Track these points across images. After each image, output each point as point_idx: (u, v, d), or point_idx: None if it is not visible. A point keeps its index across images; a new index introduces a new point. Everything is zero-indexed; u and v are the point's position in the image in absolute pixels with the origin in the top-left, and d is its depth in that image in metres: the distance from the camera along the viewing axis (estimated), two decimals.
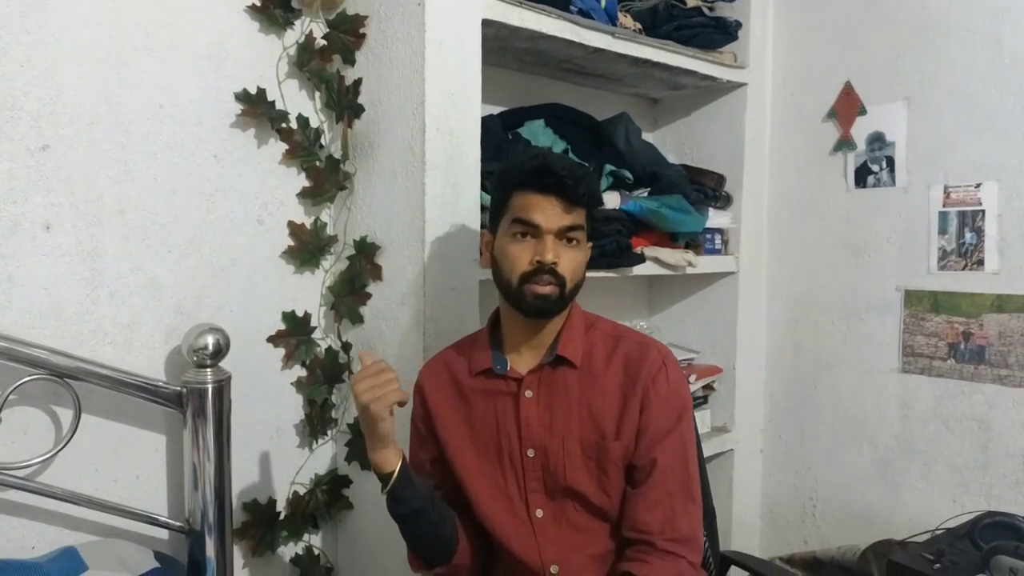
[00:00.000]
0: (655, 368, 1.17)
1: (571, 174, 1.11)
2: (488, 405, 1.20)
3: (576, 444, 1.16)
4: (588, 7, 1.68)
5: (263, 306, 1.48)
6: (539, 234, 1.12)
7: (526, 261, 1.12)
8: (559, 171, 1.10)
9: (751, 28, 2.06)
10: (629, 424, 1.15)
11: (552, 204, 1.12)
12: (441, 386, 1.24)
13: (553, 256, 1.11)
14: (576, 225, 1.14)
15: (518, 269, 1.13)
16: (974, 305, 1.81)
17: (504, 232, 1.16)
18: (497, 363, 1.20)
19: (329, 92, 1.50)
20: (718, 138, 2.14)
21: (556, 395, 1.18)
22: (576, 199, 1.12)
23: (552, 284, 1.12)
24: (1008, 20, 1.74)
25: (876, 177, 1.96)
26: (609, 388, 1.18)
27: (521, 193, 1.14)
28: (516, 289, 1.13)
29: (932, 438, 1.88)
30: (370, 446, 1.10)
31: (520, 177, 1.14)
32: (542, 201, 1.12)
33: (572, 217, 1.13)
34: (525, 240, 1.13)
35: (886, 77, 1.93)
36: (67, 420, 1.25)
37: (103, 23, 1.27)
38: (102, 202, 1.28)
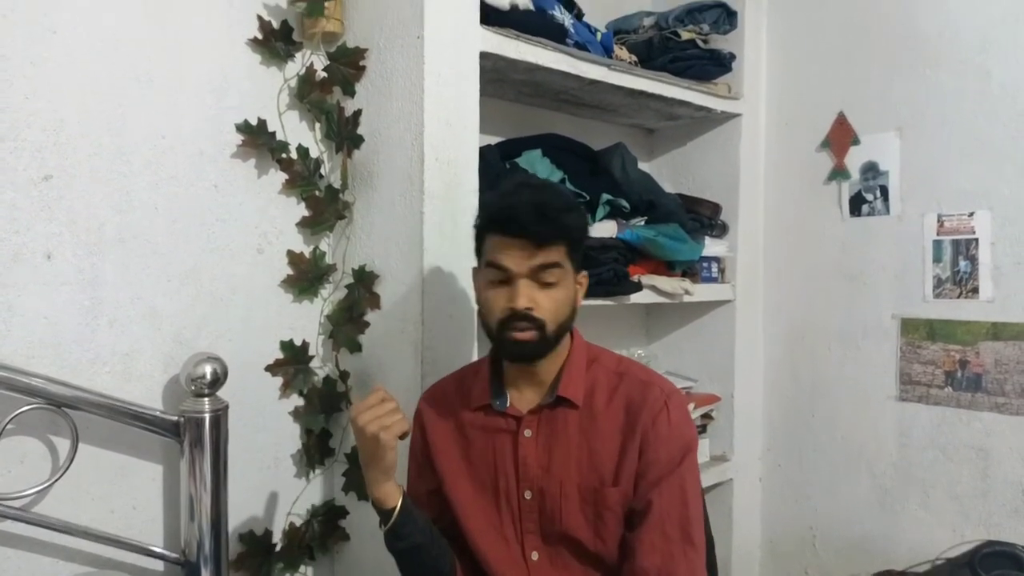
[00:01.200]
0: (656, 408, 1.13)
1: (534, 213, 1.06)
2: (487, 441, 1.18)
3: (574, 488, 1.13)
4: (584, 40, 1.71)
5: (262, 335, 1.49)
6: (511, 279, 1.08)
7: (501, 307, 1.09)
8: (520, 213, 1.06)
9: (745, 60, 2.09)
10: (627, 470, 1.12)
11: (520, 245, 1.07)
12: (441, 416, 1.22)
13: (526, 301, 1.07)
14: (548, 263, 1.08)
15: (495, 316, 1.10)
16: (970, 333, 1.81)
17: (481, 276, 1.14)
18: (497, 399, 1.17)
19: (329, 123, 1.52)
20: (714, 167, 2.17)
21: (556, 436, 1.15)
22: (543, 240, 1.07)
23: (531, 330, 1.08)
24: (996, 52, 1.77)
25: (870, 206, 1.98)
26: (609, 430, 1.14)
27: (492, 235, 1.10)
28: (496, 336, 1.11)
29: (931, 466, 1.88)
30: (372, 479, 1.08)
31: (489, 219, 1.11)
32: (509, 243, 1.07)
33: (543, 255, 1.07)
34: (500, 285, 1.09)
35: (878, 108, 1.96)
36: (64, 449, 1.25)
37: (107, 55, 1.29)
38: (103, 231, 1.29)
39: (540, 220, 1.06)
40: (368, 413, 1.04)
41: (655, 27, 1.98)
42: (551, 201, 1.10)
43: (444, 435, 1.21)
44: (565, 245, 1.10)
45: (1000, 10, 1.76)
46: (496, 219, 1.09)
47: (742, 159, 2.11)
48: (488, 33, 1.49)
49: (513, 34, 1.53)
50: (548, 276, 1.09)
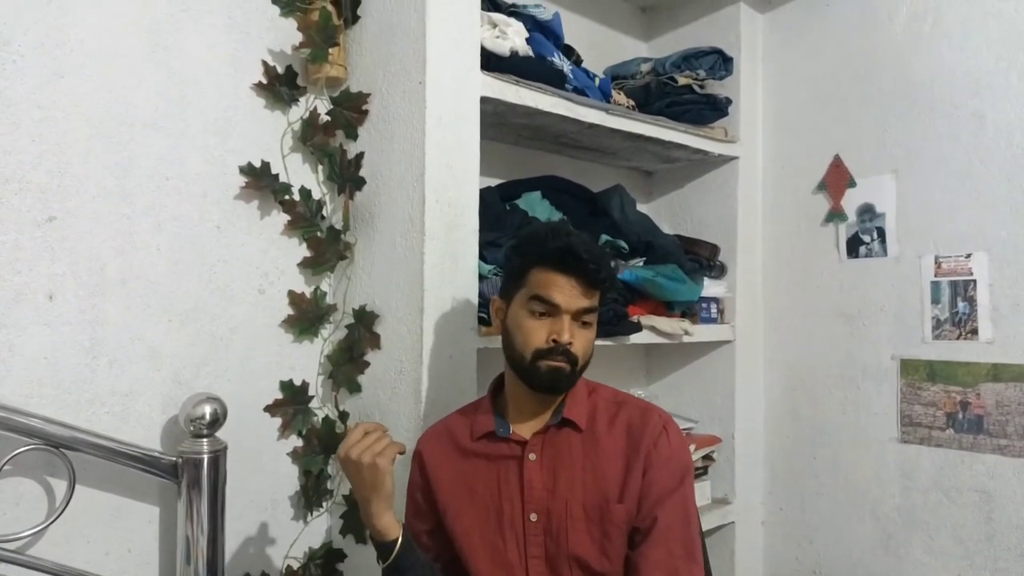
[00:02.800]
0: (656, 432, 1.19)
1: (593, 257, 1.13)
2: (490, 468, 1.20)
3: (579, 507, 1.16)
4: (583, 85, 1.74)
5: (261, 375, 1.49)
6: (557, 313, 1.14)
7: (542, 339, 1.14)
8: (581, 253, 1.12)
9: (741, 104, 2.13)
10: (632, 487, 1.16)
11: (572, 285, 1.14)
12: (442, 452, 1.24)
13: (569, 336, 1.13)
14: (593, 308, 1.16)
15: (532, 345, 1.14)
16: (970, 374, 1.81)
17: (520, 305, 1.17)
18: (500, 427, 1.20)
19: (331, 165, 1.54)
20: (711, 209, 2.19)
21: (560, 457, 1.18)
22: (596, 283, 1.15)
23: (565, 361, 1.14)
24: (990, 96, 1.80)
25: (868, 247, 1.99)
26: (612, 452, 1.18)
27: (541, 270, 1.15)
28: (529, 364, 1.15)
29: (934, 509, 1.86)
30: (373, 512, 1.09)
31: (542, 254, 1.15)
32: (562, 281, 1.14)
33: (590, 300, 1.15)
34: (541, 318, 1.15)
35: (874, 150, 1.98)
36: (61, 491, 1.24)
37: (113, 99, 1.31)
38: (105, 272, 1.30)
39: (599, 266, 1.14)
40: (357, 447, 1.07)
41: (652, 73, 2.01)
42: (602, 251, 1.19)
43: (444, 470, 1.22)
44: (601, 292, 1.18)
45: (992, 55, 1.80)
46: (554, 256, 1.14)
47: (739, 201, 2.14)
48: (489, 78, 1.51)
49: (513, 79, 1.56)
50: (588, 318, 1.16)
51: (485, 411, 1.23)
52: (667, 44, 2.25)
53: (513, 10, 1.65)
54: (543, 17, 1.67)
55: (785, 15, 2.17)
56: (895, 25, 1.95)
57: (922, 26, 1.90)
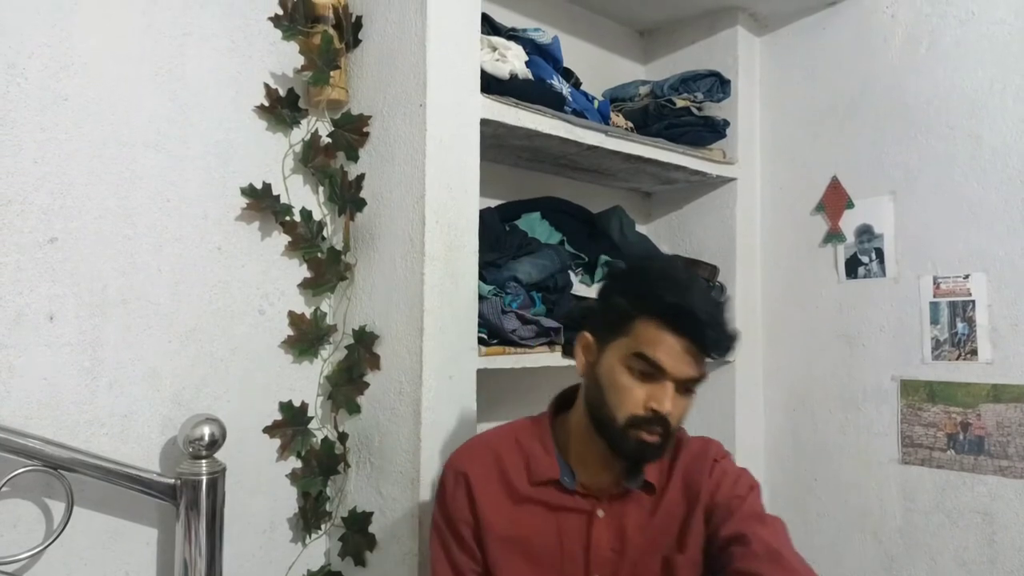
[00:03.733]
0: (708, 470, 1.12)
1: (714, 321, 1.03)
2: (549, 520, 1.10)
3: (647, 569, 1.08)
4: (582, 107, 1.75)
5: (261, 396, 1.48)
6: (661, 378, 1.03)
7: (640, 403, 1.03)
8: (702, 316, 1.01)
9: (739, 126, 2.14)
10: (694, 535, 1.08)
11: (685, 349, 1.03)
12: (490, 484, 1.12)
13: (671, 406, 1.03)
14: (702, 378, 1.06)
15: (628, 410, 1.04)
16: (970, 395, 1.81)
17: (618, 358, 1.06)
18: (565, 475, 1.10)
19: (332, 187, 1.54)
20: (710, 230, 2.19)
21: (627, 516, 1.10)
22: (714, 352, 1.05)
23: (659, 434, 1.04)
24: (986, 118, 1.81)
25: (866, 268, 2.00)
26: (673, 505, 1.11)
27: (652, 324, 1.03)
28: (619, 430, 1.04)
29: (936, 531, 1.85)
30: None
31: (656, 307, 1.03)
32: (675, 344, 1.02)
33: (700, 368, 1.05)
34: (641, 378, 1.04)
35: (871, 172, 1.99)
36: (59, 513, 1.23)
37: (116, 122, 1.32)
38: (106, 293, 1.30)
39: (719, 329, 1.04)
40: None
41: (651, 95, 2.03)
42: (721, 307, 1.07)
43: (496, 507, 1.12)
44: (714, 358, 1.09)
45: (987, 77, 1.81)
46: (670, 313, 1.02)
47: (738, 222, 2.14)
48: (488, 101, 1.53)
49: (513, 102, 1.57)
50: (693, 387, 1.07)
51: (546, 450, 1.12)
52: (665, 67, 2.27)
53: (513, 34, 1.67)
54: (542, 41, 1.69)
55: (782, 38, 2.19)
56: (891, 48, 1.97)
57: (917, 49, 1.92)
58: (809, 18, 2.13)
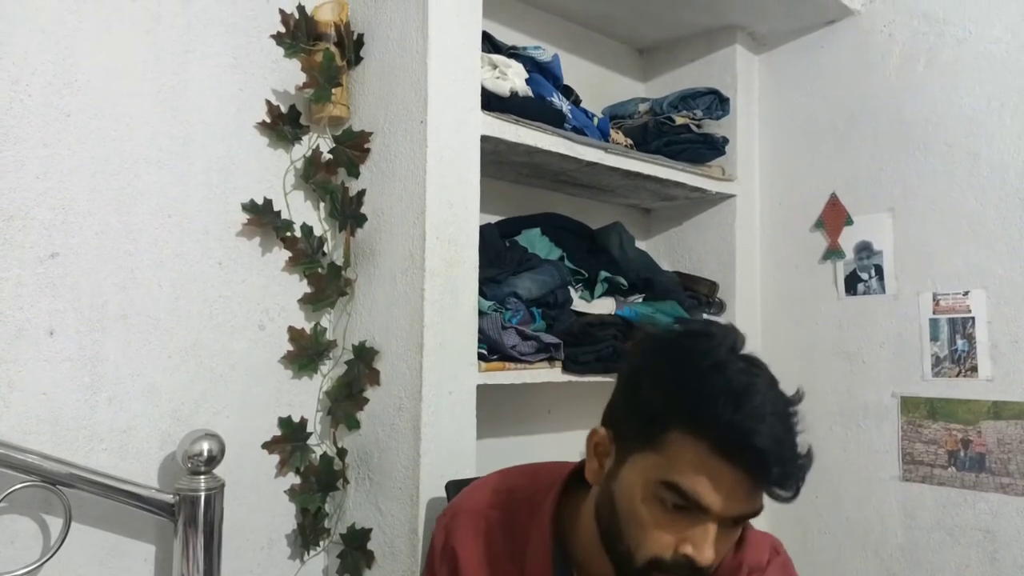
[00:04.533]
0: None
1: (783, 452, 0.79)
2: None
3: None
4: (582, 124, 1.76)
5: (260, 411, 1.48)
6: (702, 517, 0.78)
7: (669, 547, 0.78)
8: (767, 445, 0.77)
9: (738, 143, 2.15)
10: None
11: (738, 481, 0.78)
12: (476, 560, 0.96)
13: (713, 555, 0.78)
14: (758, 511, 0.82)
15: (651, 551, 0.79)
16: (971, 412, 1.81)
17: (643, 481, 0.81)
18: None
19: (333, 203, 1.55)
20: (710, 246, 2.20)
21: None
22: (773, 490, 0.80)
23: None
24: (984, 135, 1.82)
25: (866, 285, 2.00)
26: None
27: (695, 444, 0.78)
28: (638, 570, 0.80)
29: (938, 549, 1.84)
30: None
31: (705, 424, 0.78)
32: (727, 474, 0.77)
33: (759, 502, 0.81)
34: (676, 513, 0.79)
35: (870, 189, 2.00)
36: (56, 529, 1.22)
37: (118, 138, 1.33)
38: (106, 308, 1.31)
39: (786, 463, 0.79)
40: None
41: (650, 112, 2.04)
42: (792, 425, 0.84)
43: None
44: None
45: (985, 95, 1.83)
46: (730, 440, 0.77)
47: (737, 239, 2.15)
48: (489, 118, 1.54)
49: (513, 119, 1.58)
50: (745, 524, 0.83)
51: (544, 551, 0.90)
52: (664, 85, 2.29)
53: (513, 52, 1.68)
54: (542, 59, 1.70)
55: (780, 57, 2.21)
56: (889, 66, 1.98)
57: (915, 67, 1.94)
58: (807, 36, 2.15)
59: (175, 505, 1.28)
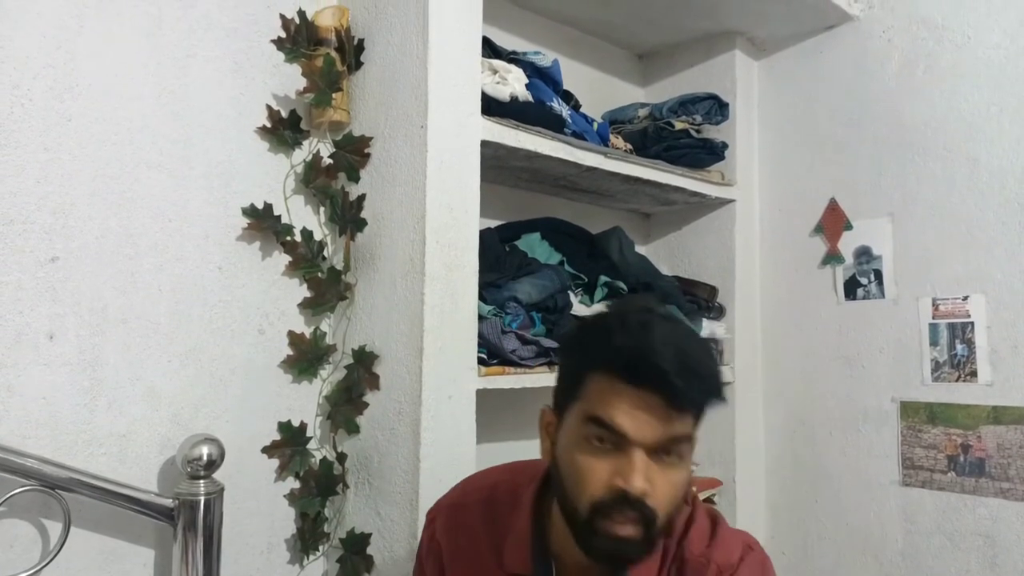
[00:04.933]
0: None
1: (682, 365, 0.78)
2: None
3: None
4: (581, 129, 1.76)
5: (260, 416, 1.48)
6: (625, 446, 0.80)
7: (602, 484, 0.80)
8: (663, 360, 0.78)
9: (737, 149, 2.16)
10: None
11: (652, 404, 0.79)
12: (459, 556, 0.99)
13: (643, 483, 0.78)
14: (682, 436, 0.81)
15: (589, 493, 0.80)
16: (970, 417, 1.81)
17: (573, 429, 0.84)
18: (539, 573, 0.91)
19: (333, 207, 1.55)
20: (709, 251, 2.20)
21: None
22: (683, 405, 0.80)
23: (638, 523, 0.79)
24: (983, 140, 1.83)
25: (865, 290, 2.00)
26: None
27: (604, 378, 0.81)
28: (584, 523, 0.81)
29: (938, 554, 1.84)
30: None
31: (606, 354, 0.82)
32: (634, 398, 0.79)
33: (679, 425, 0.80)
34: (603, 450, 0.81)
35: (870, 194, 2.00)
36: (55, 533, 1.22)
37: (119, 142, 1.33)
38: (106, 312, 1.31)
39: (688, 373, 0.79)
40: None
41: (649, 118, 2.05)
42: (698, 347, 0.84)
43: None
44: (699, 413, 0.84)
45: (984, 100, 1.83)
46: (618, 357, 0.80)
47: (737, 243, 2.15)
48: (489, 123, 1.54)
49: (513, 124, 1.58)
50: (676, 451, 0.81)
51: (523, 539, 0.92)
52: (664, 90, 2.29)
53: (513, 57, 1.69)
54: (542, 64, 1.71)
55: (779, 62, 2.21)
56: (888, 71, 1.99)
57: (915, 72, 1.94)
58: (807, 42, 2.16)
59: (174, 509, 1.28)
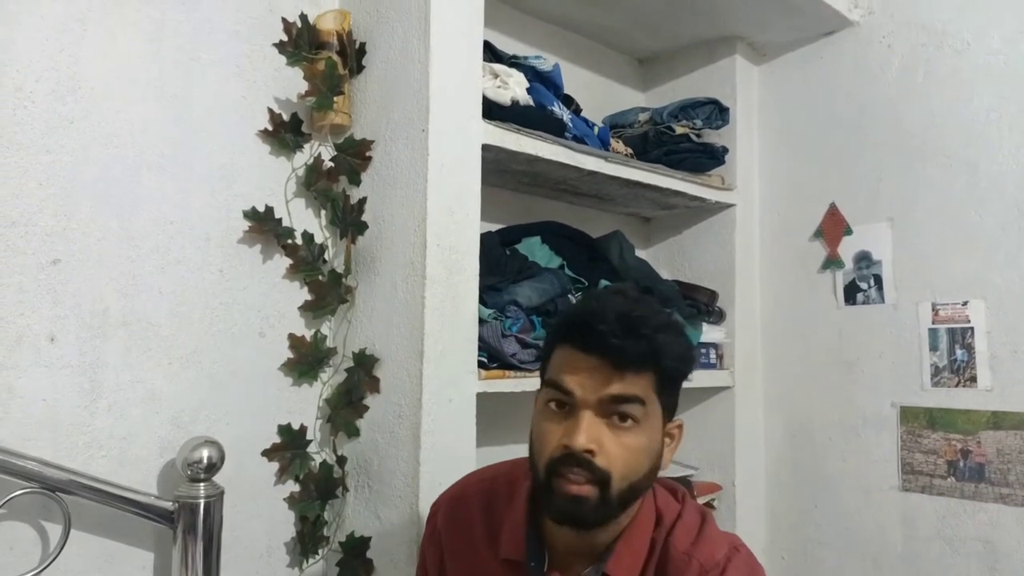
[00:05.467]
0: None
1: (620, 324, 0.83)
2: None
3: None
4: (582, 133, 1.77)
5: (260, 419, 1.48)
6: (575, 408, 0.85)
7: (555, 443, 0.85)
8: (601, 322, 0.84)
9: (737, 153, 2.16)
10: None
11: (594, 365, 0.84)
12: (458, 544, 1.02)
13: (587, 440, 0.82)
14: (628, 396, 0.84)
15: (546, 455, 0.86)
16: (970, 422, 1.81)
17: (539, 398, 0.91)
18: (532, 559, 0.93)
19: (334, 210, 1.55)
20: (709, 255, 2.20)
21: None
22: (626, 361, 0.84)
23: (589, 483, 0.82)
24: (983, 147, 1.83)
25: (865, 295, 2.00)
26: None
27: (563, 348, 0.88)
28: (543, 484, 0.86)
29: (938, 560, 1.84)
30: None
31: (562, 327, 0.89)
32: (581, 361, 0.84)
33: (621, 384, 0.84)
34: (560, 415, 0.86)
35: (869, 199, 2.01)
36: (55, 535, 1.22)
37: (121, 145, 1.33)
38: (107, 315, 1.31)
39: (626, 333, 0.84)
40: None
41: (650, 122, 2.05)
42: (644, 313, 0.86)
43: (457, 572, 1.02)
44: (654, 375, 0.86)
45: (983, 107, 1.83)
46: (571, 327, 0.88)
47: (737, 248, 2.16)
48: (490, 127, 1.54)
49: (514, 128, 1.58)
50: (625, 412, 0.85)
51: (518, 525, 0.95)
52: (664, 94, 2.30)
53: (514, 61, 1.69)
54: (543, 68, 1.71)
55: (779, 67, 2.22)
56: (888, 77, 1.99)
57: (914, 78, 1.95)
58: (807, 47, 2.16)
59: (174, 512, 1.28)
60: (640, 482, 0.87)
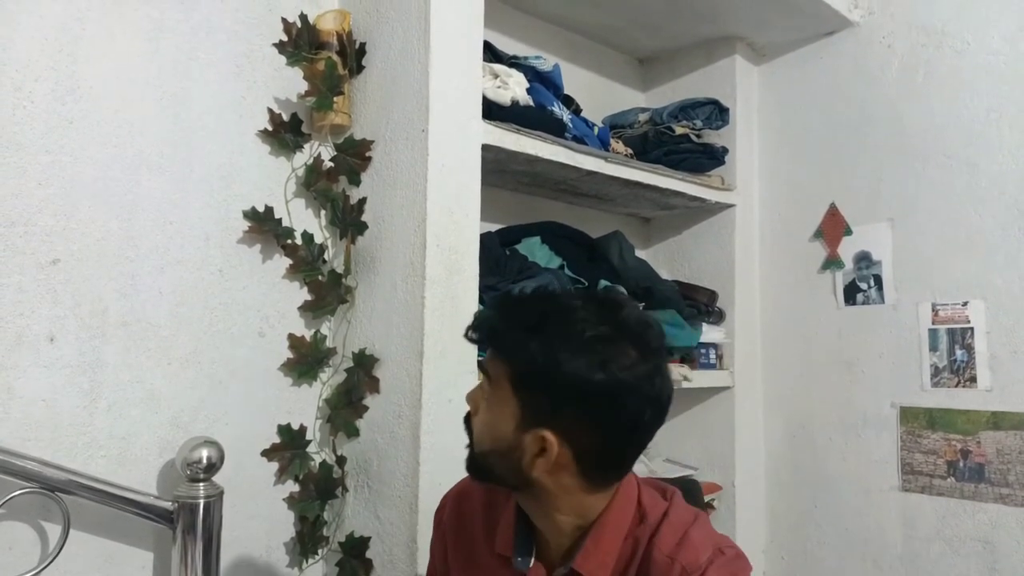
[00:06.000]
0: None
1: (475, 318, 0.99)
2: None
3: None
4: (582, 134, 1.77)
5: (259, 419, 1.48)
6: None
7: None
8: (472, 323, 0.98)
9: (737, 153, 2.16)
10: None
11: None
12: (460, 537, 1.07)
13: (468, 399, 0.99)
14: (482, 365, 0.97)
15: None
16: (970, 422, 1.81)
17: None
18: (519, 554, 0.97)
19: (334, 210, 1.55)
20: (709, 256, 2.20)
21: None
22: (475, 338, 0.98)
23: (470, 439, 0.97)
24: (983, 147, 1.83)
25: (865, 295, 2.00)
26: None
27: None
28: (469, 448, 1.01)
29: (937, 560, 1.84)
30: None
31: None
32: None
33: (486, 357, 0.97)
34: None
35: (870, 199, 2.01)
36: (54, 535, 1.22)
37: (120, 145, 1.33)
38: (107, 315, 1.31)
39: (477, 324, 0.97)
40: None
41: (650, 122, 2.05)
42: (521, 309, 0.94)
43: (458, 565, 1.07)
44: (507, 365, 0.91)
45: (983, 107, 1.83)
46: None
47: (737, 248, 2.15)
48: (490, 127, 1.54)
49: (514, 128, 1.58)
50: (488, 383, 0.95)
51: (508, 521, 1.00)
52: (664, 95, 2.30)
53: (514, 61, 1.69)
54: (543, 68, 1.71)
55: (779, 67, 2.22)
56: (888, 77, 1.99)
57: (914, 78, 1.95)
58: (807, 48, 2.16)
59: (174, 512, 1.28)
60: (490, 457, 0.92)
